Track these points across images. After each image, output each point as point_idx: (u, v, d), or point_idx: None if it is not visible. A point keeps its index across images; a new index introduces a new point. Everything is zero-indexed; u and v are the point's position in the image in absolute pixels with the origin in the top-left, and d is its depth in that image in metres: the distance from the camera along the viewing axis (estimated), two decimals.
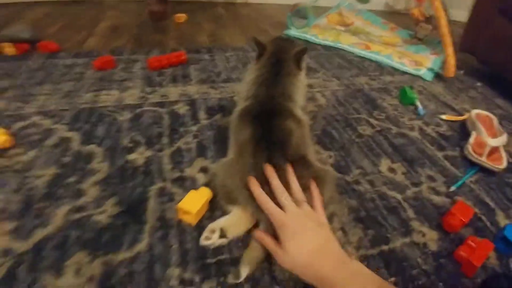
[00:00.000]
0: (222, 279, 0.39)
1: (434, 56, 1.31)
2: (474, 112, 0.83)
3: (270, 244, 0.37)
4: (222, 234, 0.41)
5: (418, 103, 0.88)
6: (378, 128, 0.75)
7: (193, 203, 0.44)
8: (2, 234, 0.41)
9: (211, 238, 0.41)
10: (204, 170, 0.55)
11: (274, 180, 0.40)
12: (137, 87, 0.79)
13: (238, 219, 0.44)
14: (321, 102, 0.83)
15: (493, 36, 1.08)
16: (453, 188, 0.60)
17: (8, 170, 0.51)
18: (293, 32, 1.40)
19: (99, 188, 0.49)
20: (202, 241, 0.41)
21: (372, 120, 0.78)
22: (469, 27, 1.20)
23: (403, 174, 0.61)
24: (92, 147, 0.57)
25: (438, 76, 1.14)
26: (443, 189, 0.59)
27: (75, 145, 0.58)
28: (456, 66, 1.10)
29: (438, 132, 0.78)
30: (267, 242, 0.38)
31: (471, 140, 0.72)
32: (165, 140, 0.62)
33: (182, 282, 0.38)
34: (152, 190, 0.50)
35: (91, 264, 0.39)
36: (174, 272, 0.39)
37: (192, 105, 0.75)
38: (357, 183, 0.57)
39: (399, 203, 0.54)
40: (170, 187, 0.51)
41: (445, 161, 0.67)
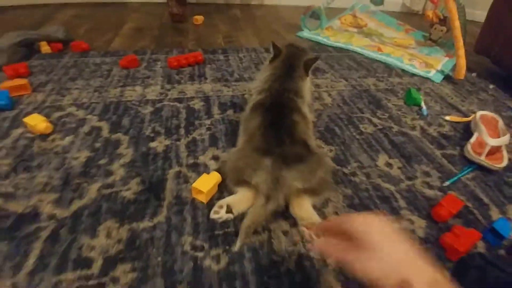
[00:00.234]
0: (227, 247, 0.45)
1: (447, 58, 1.31)
2: (479, 113, 0.84)
3: (343, 252, 0.29)
4: (229, 210, 0.48)
5: (422, 104, 0.91)
6: (380, 127, 0.79)
7: (205, 184, 0.51)
8: (47, 203, 0.50)
9: (219, 212, 0.47)
10: (215, 158, 0.62)
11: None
12: (158, 84, 0.88)
13: (242, 197, 0.50)
14: (327, 101, 0.88)
15: (508, 38, 1.08)
16: (447, 183, 0.63)
17: (50, 152, 0.60)
18: (306, 33, 1.45)
19: (125, 170, 0.57)
20: (212, 214, 0.48)
21: (374, 119, 0.82)
22: (485, 29, 1.20)
23: (399, 168, 0.65)
24: (119, 135, 0.66)
25: (449, 78, 1.15)
26: (437, 183, 0.63)
27: (105, 133, 0.66)
28: (469, 68, 1.10)
29: (439, 132, 0.81)
30: (338, 250, 0.30)
31: (472, 140, 0.74)
32: (182, 131, 0.69)
33: (194, 248, 0.45)
34: (170, 173, 0.57)
35: (119, 229, 0.47)
36: (187, 239, 0.46)
37: (207, 101, 0.82)
38: (353, 175, 0.62)
39: (392, 194, 0.59)
40: (186, 171, 0.58)
41: (442, 159, 0.70)
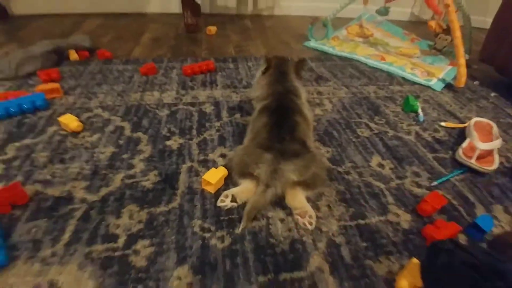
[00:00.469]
0: (230, 230, 0.53)
1: (449, 67, 1.34)
2: (474, 120, 0.88)
3: None
4: (233, 199, 0.55)
5: (419, 110, 0.96)
6: (376, 131, 0.85)
7: (213, 176, 0.59)
8: (79, 189, 0.59)
9: (225, 201, 0.55)
10: (223, 156, 0.70)
11: None
12: (173, 90, 0.97)
13: (245, 189, 0.57)
14: (327, 107, 0.95)
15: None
16: (435, 183, 0.68)
17: (80, 147, 0.69)
18: (312, 43, 1.52)
19: (145, 163, 0.66)
20: (219, 203, 0.56)
21: (371, 124, 0.88)
22: (489, 38, 1.23)
23: (390, 169, 0.71)
24: (139, 134, 0.75)
25: (450, 86, 1.19)
26: (425, 183, 0.68)
27: (127, 132, 0.75)
28: (471, 76, 1.14)
29: (434, 137, 0.85)
30: None
31: (464, 144, 0.78)
32: (194, 132, 0.78)
33: (202, 229, 0.52)
34: (183, 167, 0.65)
35: (139, 212, 0.55)
36: (197, 222, 0.54)
37: (217, 105, 0.91)
38: (347, 173, 0.68)
39: (381, 191, 0.64)
40: (197, 166, 0.66)
41: (434, 161, 0.76)
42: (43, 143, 0.69)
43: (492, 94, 1.16)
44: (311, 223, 0.54)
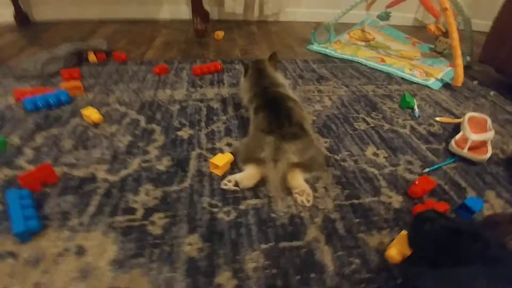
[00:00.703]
0: (236, 206, 0.59)
1: (449, 68, 1.37)
2: (468, 114, 0.91)
3: None
4: (236, 184, 0.61)
5: (415, 106, 1.01)
6: (372, 125, 0.90)
7: (220, 160, 0.65)
8: (101, 171, 0.65)
9: (227, 185, 0.61)
10: (229, 145, 0.76)
11: None
12: (183, 88, 1.05)
13: (248, 175, 0.63)
14: (327, 104, 1.01)
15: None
16: (427, 170, 0.73)
17: (101, 136, 0.77)
18: (315, 47, 1.59)
19: (159, 150, 0.73)
20: (222, 185, 0.61)
21: (368, 119, 0.93)
22: (489, 39, 1.27)
23: (384, 157, 0.76)
24: (153, 126, 0.82)
25: (448, 86, 1.23)
26: (418, 170, 0.73)
27: (142, 124, 0.83)
28: (471, 77, 1.18)
29: (428, 130, 0.90)
30: None
31: (457, 136, 0.82)
32: (202, 124, 0.84)
33: (210, 205, 0.59)
34: (193, 154, 0.72)
35: (154, 190, 0.61)
36: (206, 199, 0.60)
37: (223, 101, 0.98)
38: (343, 161, 0.74)
39: (375, 176, 0.70)
40: (205, 153, 0.73)
41: (427, 151, 0.80)
42: (67, 132, 0.77)
43: (492, 93, 1.19)
44: (308, 201, 0.59)
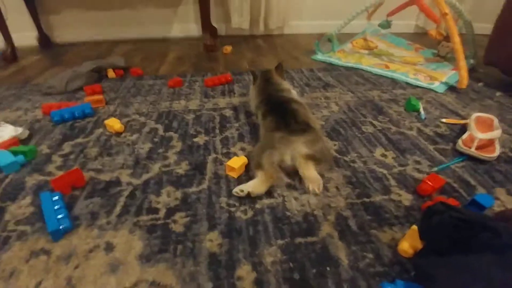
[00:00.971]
0: (252, 205, 0.62)
1: (453, 72, 1.38)
2: (475, 115, 0.92)
3: None
4: (248, 195, 0.62)
5: (421, 109, 1.03)
6: (379, 128, 0.93)
7: (236, 163, 0.69)
8: (125, 175, 0.70)
9: (239, 194, 0.62)
10: (242, 149, 0.81)
11: None
12: (197, 98, 1.11)
13: (259, 182, 0.64)
14: (334, 109, 1.05)
15: None
16: (435, 169, 0.75)
17: (123, 144, 0.82)
18: (319, 56, 1.65)
19: (177, 156, 0.77)
20: (234, 193, 0.63)
21: (375, 122, 0.96)
22: (492, 40, 1.28)
23: (393, 158, 0.79)
24: (171, 133, 0.87)
25: (453, 88, 1.24)
26: (426, 169, 0.75)
27: (160, 132, 0.88)
28: (476, 79, 1.19)
29: (435, 132, 0.92)
30: None
31: (464, 136, 0.83)
32: (217, 131, 0.89)
33: (228, 205, 0.62)
34: (209, 158, 0.76)
35: (175, 192, 0.65)
36: (223, 200, 0.63)
37: (235, 110, 1.03)
38: (353, 162, 0.76)
39: (384, 175, 0.72)
40: (221, 157, 0.77)
41: (435, 152, 0.82)
42: (92, 141, 0.83)
43: (498, 94, 1.19)
44: (319, 189, 0.63)
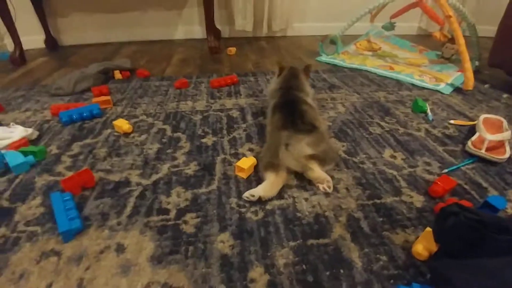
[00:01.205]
0: (262, 206, 0.61)
1: (458, 73, 1.38)
2: (483, 116, 0.91)
3: None
4: (259, 199, 0.62)
5: (428, 110, 1.03)
6: (387, 129, 0.93)
7: (245, 163, 0.69)
8: (135, 175, 0.70)
9: (250, 198, 0.62)
10: (250, 150, 0.80)
11: None
12: (203, 99, 1.11)
13: (269, 185, 0.63)
14: (340, 110, 1.05)
15: None
16: (446, 170, 0.74)
17: (132, 144, 0.82)
18: (323, 58, 1.65)
19: (186, 156, 0.77)
20: (244, 197, 0.62)
21: (383, 123, 0.96)
22: (497, 42, 1.28)
23: (402, 159, 0.78)
24: (179, 134, 0.87)
25: (459, 90, 1.24)
26: (436, 170, 0.74)
27: (168, 132, 0.88)
28: (482, 81, 1.18)
29: (444, 133, 0.91)
30: None
31: (474, 137, 0.82)
32: (224, 132, 0.89)
33: (238, 206, 0.62)
34: (218, 159, 0.76)
35: (185, 193, 0.65)
36: (233, 200, 0.63)
37: (242, 111, 1.03)
38: (362, 163, 0.76)
39: (394, 177, 0.71)
40: (229, 157, 0.77)
41: (444, 153, 0.82)
42: (101, 142, 0.83)
43: (504, 96, 1.19)
44: (329, 187, 0.63)
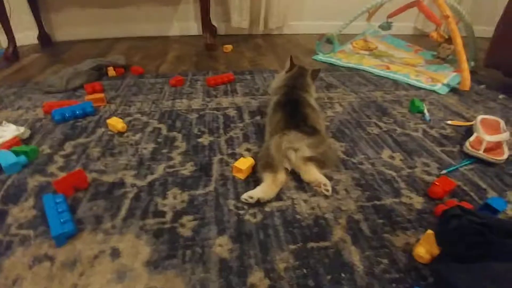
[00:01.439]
0: (261, 208, 0.60)
1: (454, 73, 1.38)
2: (480, 117, 0.91)
3: None
4: (257, 201, 0.60)
5: (425, 110, 1.03)
6: (385, 129, 0.92)
7: (243, 164, 0.67)
8: (129, 176, 0.68)
9: (248, 200, 0.60)
10: (248, 150, 0.79)
11: None
12: (199, 98, 1.09)
13: (267, 187, 0.62)
14: (338, 110, 1.04)
15: None
16: (444, 171, 0.74)
17: (126, 144, 0.80)
18: (320, 57, 1.64)
19: (182, 157, 0.75)
20: (242, 199, 0.61)
21: (380, 123, 0.96)
22: (493, 43, 1.28)
23: (400, 160, 0.78)
24: (175, 133, 0.85)
25: (455, 90, 1.24)
26: (435, 172, 0.74)
27: (164, 132, 0.86)
28: (478, 81, 1.19)
29: (441, 133, 0.92)
30: None
31: (471, 138, 0.82)
32: (221, 131, 0.87)
33: (236, 208, 0.60)
34: (215, 159, 0.75)
35: (181, 194, 0.63)
36: (231, 202, 0.62)
37: (239, 110, 1.01)
38: (361, 164, 0.75)
39: (393, 178, 0.71)
40: (226, 158, 0.75)
41: (442, 154, 0.81)
42: (94, 141, 0.80)
43: (501, 96, 1.19)
44: (327, 190, 0.62)
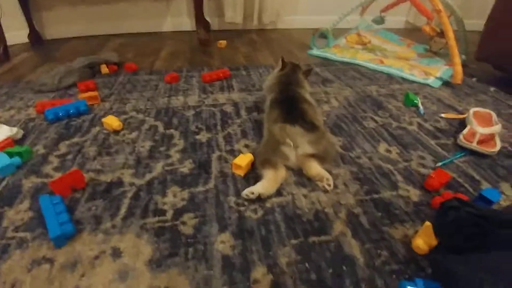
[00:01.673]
0: (261, 204, 0.61)
1: (446, 67, 1.41)
2: (473, 109, 0.93)
3: None
4: (258, 197, 0.61)
5: (419, 104, 1.04)
6: (381, 123, 0.93)
7: (242, 160, 0.67)
8: (127, 175, 0.67)
9: (249, 196, 0.60)
10: (246, 146, 0.79)
11: None
12: (195, 94, 1.08)
13: (268, 183, 0.62)
14: (334, 104, 1.04)
15: (508, 42, 1.17)
16: (439, 164, 0.75)
17: (123, 142, 0.79)
18: (315, 51, 1.64)
19: (180, 154, 0.75)
20: (243, 195, 0.61)
21: (376, 118, 0.96)
22: (484, 37, 1.30)
23: (397, 153, 0.79)
24: (172, 131, 0.84)
25: (448, 84, 1.26)
26: (430, 164, 0.75)
27: (161, 129, 0.85)
28: (469, 74, 1.21)
29: (435, 126, 0.93)
30: None
31: (465, 131, 0.84)
32: (218, 127, 0.87)
33: (237, 204, 0.61)
34: (214, 156, 0.74)
35: (181, 192, 0.63)
36: (232, 199, 0.62)
37: (236, 106, 1.01)
38: (358, 158, 0.76)
39: (390, 171, 0.72)
40: (225, 155, 0.75)
41: (437, 146, 0.83)
42: (90, 140, 0.79)
43: (492, 89, 1.21)
44: (329, 185, 0.63)
